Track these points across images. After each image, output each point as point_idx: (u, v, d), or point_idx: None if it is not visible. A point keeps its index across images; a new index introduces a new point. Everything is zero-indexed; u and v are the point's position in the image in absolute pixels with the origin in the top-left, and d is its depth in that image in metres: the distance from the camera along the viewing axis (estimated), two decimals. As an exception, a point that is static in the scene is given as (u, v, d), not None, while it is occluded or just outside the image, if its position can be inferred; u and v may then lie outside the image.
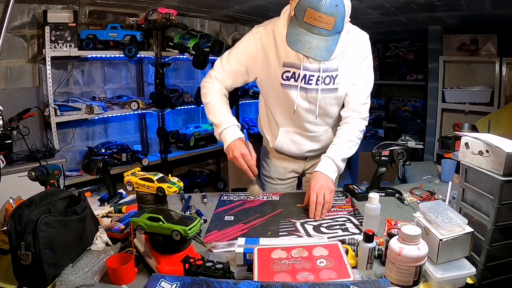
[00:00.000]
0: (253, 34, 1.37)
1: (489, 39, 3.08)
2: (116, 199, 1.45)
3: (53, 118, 2.46)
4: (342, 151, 1.38)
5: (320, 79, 1.34)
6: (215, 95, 1.45)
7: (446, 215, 0.91)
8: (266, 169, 1.69)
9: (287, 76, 1.35)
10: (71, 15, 2.47)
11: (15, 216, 0.89)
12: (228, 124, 1.40)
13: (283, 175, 1.66)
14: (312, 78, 1.34)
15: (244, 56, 1.39)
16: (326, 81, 1.35)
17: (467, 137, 0.98)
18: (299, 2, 1.08)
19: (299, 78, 1.33)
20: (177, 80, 3.51)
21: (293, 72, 1.34)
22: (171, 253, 0.92)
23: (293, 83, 1.36)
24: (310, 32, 1.08)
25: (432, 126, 3.51)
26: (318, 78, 1.33)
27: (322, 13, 1.04)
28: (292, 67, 1.33)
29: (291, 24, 1.13)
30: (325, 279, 0.80)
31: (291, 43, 1.12)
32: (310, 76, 1.34)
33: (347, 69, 1.36)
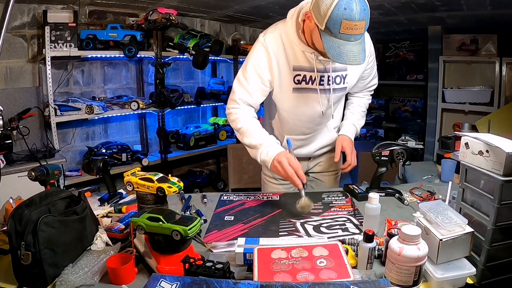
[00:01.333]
0: (262, 44, 1.35)
1: (489, 39, 3.08)
2: (116, 199, 1.45)
3: (53, 118, 2.46)
4: (360, 119, 1.62)
5: (331, 79, 1.37)
6: (246, 118, 1.41)
7: (446, 215, 0.91)
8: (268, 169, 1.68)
9: (298, 79, 1.37)
10: (71, 15, 2.47)
11: (15, 216, 0.89)
12: (268, 142, 1.36)
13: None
14: (323, 79, 1.37)
15: (259, 68, 1.36)
16: (336, 80, 1.39)
17: (467, 137, 0.98)
18: (331, 17, 1.07)
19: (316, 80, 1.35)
20: (177, 80, 3.51)
21: (303, 75, 1.36)
22: (171, 253, 0.92)
23: (304, 86, 1.38)
24: (348, 41, 1.11)
25: (432, 126, 3.51)
26: (329, 78, 1.37)
27: (356, 21, 1.07)
28: (302, 70, 1.35)
29: (326, 39, 1.13)
30: (325, 279, 0.80)
31: (336, 58, 1.13)
32: (322, 77, 1.36)
33: (356, 69, 1.41)
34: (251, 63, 1.37)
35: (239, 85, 1.41)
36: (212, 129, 3.57)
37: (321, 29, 1.12)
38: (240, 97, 1.41)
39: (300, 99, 1.40)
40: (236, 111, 1.42)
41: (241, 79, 1.40)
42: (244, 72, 1.39)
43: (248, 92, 1.40)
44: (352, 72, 1.41)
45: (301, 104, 1.41)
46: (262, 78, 1.37)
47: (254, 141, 1.37)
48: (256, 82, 1.38)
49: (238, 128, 1.42)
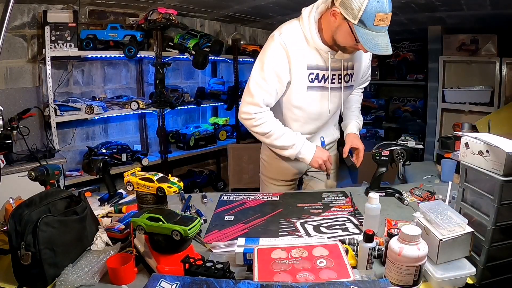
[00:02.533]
0: (280, 43, 1.34)
1: (489, 39, 3.07)
2: (116, 199, 1.45)
3: (53, 118, 2.46)
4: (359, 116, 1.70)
5: (341, 78, 1.43)
6: (272, 121, 1.43)
7: (446, 215, 0.91)
8: (270, 170, 1.68)
9: (312, 78, 1.39)
10: (71, 15, 2.47)
11: (15, 216, 0.89)
12: (302, 140, 1.46)
13: (287, 176, 1.66)
14: (335, 77, 1.42)
15: (278, 69, 1.35)
16: (346, 79, 1.45)
17: (467, 137, 0.98)
18: (366, 10, 1.13)
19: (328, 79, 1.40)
20: (177, 80, 3.51)
21: (316, 73, 1.39)
22: (171, 253, 0.92)
23: (317, 84, 1.41)
24: (381, 33, 1.18)
25: (432, 126, 3.51)
26: (340, 77, 1.43)
27: (387, 13, 1.15)
28: (316, 69, 1.38)
29: (360, 33, 1.18)
30: (325, 279, 0.80)
31: (372, 49, 1.20)
32: (333, 76, 1.42)
33: (359, 68, 1.50)
34: (269, 64, 1.36)
35: (257, 87, 1.38)
36: (212, 129, 3.57)
37: (354, 23, 1.17)
38: (262, 99, 1.39)
39: (313, 97, 1.43)
40: (261, 116, 1.41)
41: (259, 81, 1.38)
42: (261, 73, 1.37)
43: (269, 93, 1.39)
44: (358, 71, 1.49)
45: (314, 102, 1.44)
46: (280, 78, 1.37)
47: (288, 142, 1.44)
48: (275, 83, 1.38)
49: (266, 132, 1.43)
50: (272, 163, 1.66)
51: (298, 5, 3.09)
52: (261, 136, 1.46)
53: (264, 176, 1.72)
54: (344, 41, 1.27)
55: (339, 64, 1.40)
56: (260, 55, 1.40)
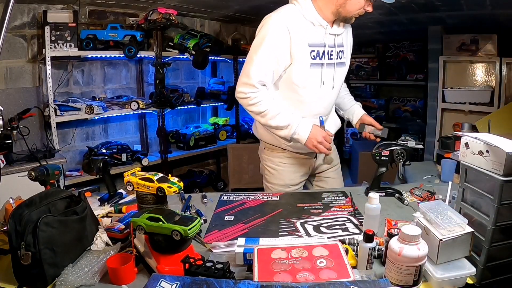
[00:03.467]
0: (278, 22, 1.35)
1: (489, 39, 3.07)
2: (116, 199, 1.45)
3: (53, 118, 2.46)
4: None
5: (337, 53, 1.47)
6: (268, 100, 1.42)
7: (446, 215, 0.91)
8: (278, 178, 1.62)
9: (313, 55, 1.41)
10: (71, 15, 2.47)
11: (15, 216, 0.89)
12: (298, 120, 1.43)
13: (295, 180, 1.63)
14: (332, 53, 1.46)
15: (277, 47, 1.36)
16: (339, 55, 1.49)
17: (467, 137, 0.98)
18: None
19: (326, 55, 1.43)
20: (177, 80, 3.51)
21: (317, 50, 1.41)
22: (171, 253, 0.92)
23: (318, 61, 1.43)
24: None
25: (432, 126, 3.51)
26: (336, 53, 1.47)
27: None
28: (317, 46, 1.41)
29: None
30: (325, 279, 0.80)
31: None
32: (331, 52, 1.45)
33: (348, 46, 1.54)
34: (268, 44, 1.36)
35: (254, 68, 1.38)
36: (212, 129, 3.57)
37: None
38: (258, 80, 1.38)
39: (317, 74, 1.44)
40: (256, 95, 1.40)
41: (255, 61, 1.38)
42: (258, 53, 1.37)
43: (265, 74, 1.39)
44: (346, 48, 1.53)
45: (318, 79, 1.45)
46: (279, 59, 1.38)
47: (283, 121, 1.42)
48: (273, 64, 1.38)
49: (261, 111, 1.42)
50: (280, 171, 1.61)
51: (298, 5, 3.06)
52: (257, 115, 1.45)
53: (270, 184, 1.66)
54: (354, 7, 1.34)
55: (333, 40, 1.44)
56: (257, 37, 1.39)
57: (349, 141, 4.43)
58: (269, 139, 1.60)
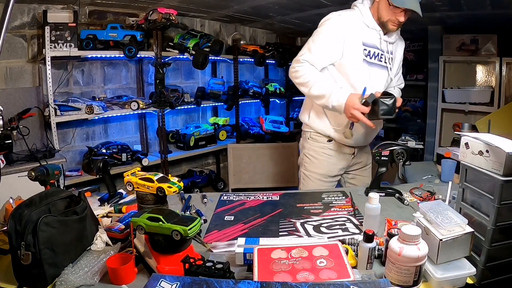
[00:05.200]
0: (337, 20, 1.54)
1: (489, 39, 3.07)
2: (116, 199, 1.45)
3: (53, 118, 2.46)
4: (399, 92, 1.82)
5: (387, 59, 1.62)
6: (312, 72, 1.53)
7: (446, 215, 0.91)
8: (318, 166, 1.72)
9: (366, 53, 1.56)
10: (71, 15, 2.47)
11: (15, 216, 0.89)
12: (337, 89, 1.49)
13: (334, 171, 1.72)
14: (383, 57, 1.61)
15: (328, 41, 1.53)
16: (390, 61, 1.64)
17: (467, 137, 0.98)
18: None
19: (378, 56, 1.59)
20: (177, 80, 3.51)
21: (369, 50, 1.56)
22: (171, 253, 0.92)
23: (372, 60, 1.58)
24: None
25: (432, 126, 3.51)
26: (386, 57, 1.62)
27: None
28: (370, 46, 1.56)
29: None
30: (325, 279, 0.80)
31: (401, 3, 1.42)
32: (381, 55, 1.60)
33: (397, 57, 1.68)
34: (322, 36, 1.55)
35: (306, 49, 1.56)
36: (212, 129, 3.57)
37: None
38: (305, 58, 1.54)
39: (370, 71, 1.57)
40: (302, 68, 1.54)
41: (309, 46, 1.56)
42: (313, 41, 1.55)
43: (314, 57, 1.54)
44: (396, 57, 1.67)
45: (370, 75, 1.58)
46: (328, 50, 1.54)
47: (324, 90, 1.50)
48: (323, 52, 1.54)
49: (306, 81, 1.53)
50: (321, 160, 1.70)
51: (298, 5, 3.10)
52: (301, 86, 1.56)
53: (309, 172, 1.74)
54: (385, 13, 1.49)
55: (386, 46, 1.60)
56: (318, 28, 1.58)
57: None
58: (317, 127, 1.69)
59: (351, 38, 1.53)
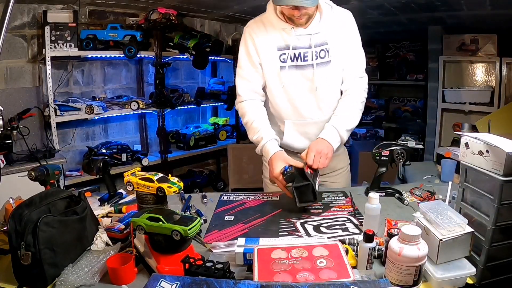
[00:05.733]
0: (245, 32, 1.46)
1: (489, 39, 3.08)
2: (116, 199, 1.45)
3: (53, 118, 2.46)
4: (346, 121, 1.44)
5: (315, 54, 1.40)
6: (249, 113, 1.47)
7: (446, 215, 0.91)
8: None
9: (283, 58, 1.41)
10: (71, 15, 2.47)
11: (15, 216, 0.89)
12: (264, 140, 1.41)
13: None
14: (307, 55, 1.40)
15: (248, 53, 1.44)
16: (321, 54, 1.41)
17: (467, 137, 0.98)
18: None
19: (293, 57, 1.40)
20: (177, 80, 3.51)
21: (288, 53, 1.40)
22: (171, 253, 0.92)
23: (290, 63, 1.41)
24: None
25: (432, 126, 3.51)
26: (313, 53, 1.39)
27: None
28: (286, 49, 1.40)
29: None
30: (325, 279, 0.80)
31: (277, 1, 1.23)
32: (305, 53, 1.40)
33: (336, 43, 1.41)
34: (241, 53, 1.47)
35: (237, 77, 1.49)
36: (212, 129, 3.57)
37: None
38: (240, 90, 1.48)
39: (288, 77, 1.42)
40: (243, 105, 1.48)
41: (238, 71, 1.49)
42: (238, 63, 1.48)
43: (247, 79, 1.46)
44: (334, 45, 1.41)
45: (290, 82, 1.43)
46: (253, 61, 1.44)
47: (254, 137, 1.44)
48: (250, 67, 1.45)
49: (244, 122, 1.49)
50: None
51: (298, 5, 3.04)
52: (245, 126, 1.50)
53: (266, 178, 1.69)
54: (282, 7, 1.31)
55: (308, 41, 1.38)
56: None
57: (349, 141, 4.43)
58: None
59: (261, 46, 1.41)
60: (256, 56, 1.43)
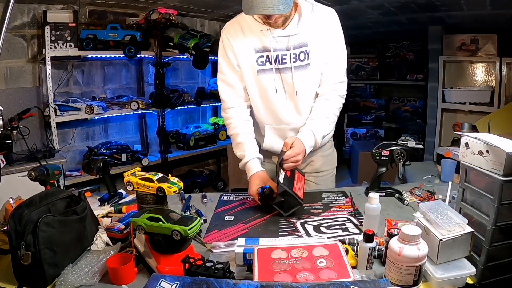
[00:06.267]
0: (222, 34, 1.41)
1: (489, 39, 3.08)
2: (116, 199, 1.45)
3: (53, 118, 2.46)
4: (323, 127, 1.40)
5: (294, 56, 1.34)
6: (233, 125, 1.46)
7: (446, 215, 0.91)
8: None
9: (261, 61, 1.37)
10: (71, 15, 2.48)
11: (15, 216, 0.89)
12: (246, 159, 1.41)
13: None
14: (286, 57, 1.34)
15: (226, 57, 1.40)
16: (301, 57, 1.35)
17: (467, 137, 0.98)
18: None
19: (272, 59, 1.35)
20: (177, 80, 3.51)
21: (266, 55, 1.36)
22: (171, 253, 0.92)
23: (269, 66, 1.37)
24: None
25: (432, 126, 3.51)
26: (291, 56, 1.34)
27: None
28: (264, 51, 1.35)
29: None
30: (325, 279, 0.80)
31: (248, 10, 1.15)
32: (283, 56, 1.34)
33: (317, 45, 1.35)
34: (220, 56, 1.43)
35: (219, 82, 1.46)
36: (212, 129, 3.57)
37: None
38: (224, 94, 1.45)
39: (267, 81, 1.38)
40: (227, 116, 1.47)
41: (219, 75, 1.45)
42: (219, 68, 1.45)
43: (229, 84, 1.43)
44: (314, 47, 1.35)
45: (269, 86, 1.39)
46: (232, 65, 1.40)
47: (238, 153, 1.45)
48: (230, 71, 1.42)
49: (229, 134, 1.49)
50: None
51: (298, 5, 3.04)
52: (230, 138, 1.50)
53: None
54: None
55: (285, 43, 1.32)
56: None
57: (349, 141, 4.44)
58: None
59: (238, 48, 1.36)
60: (234, 59, 1.39)
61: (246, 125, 1.46)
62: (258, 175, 1.37)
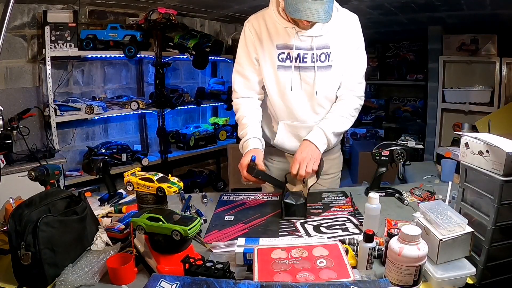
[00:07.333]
0: (245, 27, 1.43)
1: (489, 39, 3.08)
2: (116, 199, 1.45)
3: (53, 118, 2.46)
4: (335, 124, 1.40)
5: (315, 57, 1.36)
6: (242, 109, 1.47)
7: (446, 215, 0.91)
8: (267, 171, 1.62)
9: (282, 57, 1.38)
10: (71, 15, 2.47)
11: (15, 216, 0.89)
12: (247, 137, 1.40)
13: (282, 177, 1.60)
14: (307, 56, 1.36)
15: (246, 49, 1.42)
16: (321, 58, 1.37)
17: (467, 137, 0.98)
18: None
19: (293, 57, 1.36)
20: (177, 80, 3.51)
21: (287, 53, 1.37)
22: (171, 253, 0.92)
23: (289, 64, 1.38)
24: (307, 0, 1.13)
25: (432, 126, 3.51)
26: (313, 56, 1.36)
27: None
28: (286, 48, 1.37)
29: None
30: (325, 279, 0.80)
31: (292, 13, 1.17)
32: (304, 55, 1.36)
33: (339, 47, 1.37)
34: (239, 48, 1.45)
35: (235, 73, 1.49)
36: (212, 129, 3.57)
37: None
38: (238, 85, 1.48)
39: (285, 77, 1.40)
40: (237, 102, 1.50)
41: (235, 66, 1.48)
42: (237, 59, 1.47)
43: (244, 76, 1.46)
44: (336, 49, 1.37)
45: (288, 83, 1.40)
46: (251, 58, 1.42)
47: (242, 132, 1.43)
48: (247, 63, 1.44)
49: (236, 118, 1.50)
50: (269, 166, 1.61)
51: (298, 5, 3.04)
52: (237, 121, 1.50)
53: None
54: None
55: (309, 43, 1.34)
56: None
57: (349, 141, 4.44)
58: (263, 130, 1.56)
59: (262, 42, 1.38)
60: (254, 52, 1.41)
61: (254, 111, 1.47)
62: (255, 150, 1.36)
